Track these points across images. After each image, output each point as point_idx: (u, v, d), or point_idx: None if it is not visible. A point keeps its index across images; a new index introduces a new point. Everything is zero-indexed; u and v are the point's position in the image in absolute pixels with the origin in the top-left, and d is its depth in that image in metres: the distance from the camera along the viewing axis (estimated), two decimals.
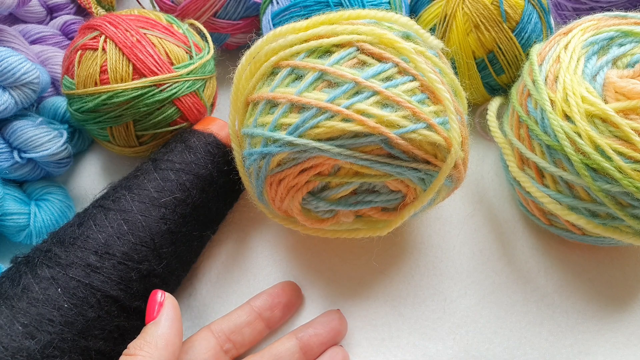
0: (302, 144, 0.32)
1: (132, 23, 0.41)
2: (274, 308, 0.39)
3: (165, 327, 0.32)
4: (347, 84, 0.32)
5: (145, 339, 0.32)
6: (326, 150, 0.32)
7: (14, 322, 0.32)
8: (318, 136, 0.32)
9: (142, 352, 0.31)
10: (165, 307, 0.33)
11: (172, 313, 0.33)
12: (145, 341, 0.31)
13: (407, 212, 0.35)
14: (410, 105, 0.31)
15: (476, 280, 0.42)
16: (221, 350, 0.37)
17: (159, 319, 0.33)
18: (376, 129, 0.31)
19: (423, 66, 0.33)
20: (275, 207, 0.37)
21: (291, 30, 0.35)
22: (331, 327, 0.38)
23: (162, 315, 0.33)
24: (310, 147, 0.32)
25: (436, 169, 0.33)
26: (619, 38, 0.38)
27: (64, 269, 0.34)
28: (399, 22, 0.36)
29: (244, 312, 0.39)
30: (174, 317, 0.33)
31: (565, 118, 0.35)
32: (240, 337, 0.38)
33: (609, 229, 0.36)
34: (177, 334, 0.33)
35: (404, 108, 0.32)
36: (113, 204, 0.37)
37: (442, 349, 0.39)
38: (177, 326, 0.33)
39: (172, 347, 0.32)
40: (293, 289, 0.41)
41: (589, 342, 0.39)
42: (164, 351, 0.31)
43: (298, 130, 0.32)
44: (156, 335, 0.32)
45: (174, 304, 0.34)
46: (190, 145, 0.41)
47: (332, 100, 0.31)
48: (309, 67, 0.33)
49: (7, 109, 0.41)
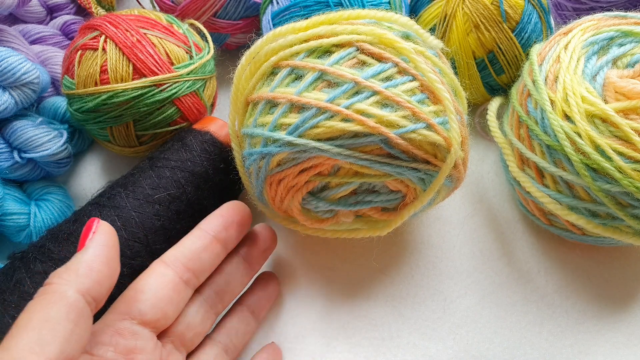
0: (302, 144, 0.32)
1: (132, 23, 0.41)
2: (228, 228, 0.36)
3: (91, 253, 0.28)
4: (347, 84, 0.32)
5: (67, 266, 0.28)
6: (326, 150, 0.32)
7: (4, 315, 0.32)
8: (318, 136, 0.32)
9: (59, 280, 0.27)
10: (97, 234, 0.29)
11: (104, 239, 0.29)
12: (66, 268, 0.28)
13: (407, 212, 0.35)
14: (410, 105, 0.31)
15: (476, 280, 0.42)
16: (181, 281, 0.33)
17: (86, 246, 0.29)
18: (376, 129, 0.31)
19: (423, 66, 0.33)
20: (275, 207, 0.37)
21: (291, 30, 0.35)
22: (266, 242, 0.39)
23: (92, 242, 0.29)
24: (310, 147, 0.32)
25: (436, 169, 0.33)
26: (619, 38, 0.38)
27: (56, 263, 0.34)
28: (398, 22, 0.36)
29: (197, 237, 0.35)
30: (105, 244, 0.29)
31: (565, 118, 0.35)
32: (198, 264, 0.34)
33: (609, 229, 0.36)
34: (107, 261, 0.29)
35: (404, 108, 0.32)
36: (108, 201, 0.38)
37: (442, 349, 0.39)
38: (107, 253, 0.29)
39: (98, 274, 0.28)
40: (242, 207, 0.38)
41: (589, 342, 0.39)
42: (86, 278, 0.27)
43: (298, 130, 0.32)
44: (78, 261, 0.28)
45: (109, 231, 0.30)
46: (186, 143, 0.41)
47: (331, 100, 0.31)
48: (308, 67, 0.33)
49: (7, 109, 0.41)
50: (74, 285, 0.27)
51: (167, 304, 0.32)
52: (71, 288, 0.27)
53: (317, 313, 0.41)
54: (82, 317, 0.26)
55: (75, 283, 0.27)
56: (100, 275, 0.28)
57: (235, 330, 0.37)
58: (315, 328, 0.40)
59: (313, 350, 0.39)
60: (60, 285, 0.27)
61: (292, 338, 0.40)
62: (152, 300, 0.32)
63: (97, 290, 0.28)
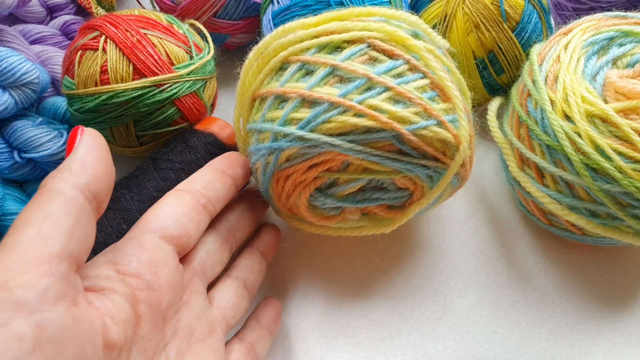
0: (314, 138, 0.32)
1: (133, 23, 0.41)
2: (235, 166, 0.37)
3: (82, 152, 0.26)
4: (359, 80, 0.32)
5: (58, 168, 0.26)
6: (337, 145, 0.32)
7: None
8: (329, 131, 0.32)
9: (52, 180, 0.25)
10: (83, 136, 0.27)
11: (92, 140, 0.27)
12: (58, 169, 0.26)
13: (413, 209, 0.35)
14: (422, 102, 0.32)
15: (476, 280, 0.42)
16: (199, 204, 0.33)
17: (75, 147, 0.27)
18: (389, 124, 0.31)
19: (433, 64, 0.33)
20: (281, 204, 0.37)
21: (301, 25, 0.35)
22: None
23: (80, 143, 0.27)
24: (322, 142, 0.32)
25: (444, 166, 0.33)
26: (619, 38, 0.38)
27: None
28: (407, 20, 0.36)
29: (207, 170, 0.35)
30: (93, 144, 0.27)
31: (565, 118, 0.35)
32: (214, 192, 0.34)
33: (609, 229, 0.36)
34: (100, 157, 0.27)
35: (416, 104, 0.32)
36: (112, 203, 0.37)
37: (442, 349, 0.39)
38: (99, 151, 0.27)
39: (94, 170, 0.26)
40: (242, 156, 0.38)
41: (589, 342, 0.39)
42: (81, 174, 0.26)
43: (309, 125, 0.32)
44: (70, 161, 0.26)
45: (95, 134, 0.28)
46: (190, 144, 0.41)
47: (344, 95, 0.31)
48: (320, 62, 0.33)
49: (7, 109, 0.41)
50: (70, 182, 0.25)
51: (188, 221, 0.32)
52: (66, 184, 0.25)
53: (317, 313, 0.41)
54: (83, 213, 0.25)
55: (71, 180, 0.25)
56: (97, 171, 0.26)
57: (251, 268, 0.37)
58: (315, 328, 0.40)
59: (313, 350, 0.39)
60: (54, 184, 0.25)
61: (292, 338, 0.40)
62: (174, 217, 0.31)
63: (95, 186, 0.26)
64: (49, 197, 0.25)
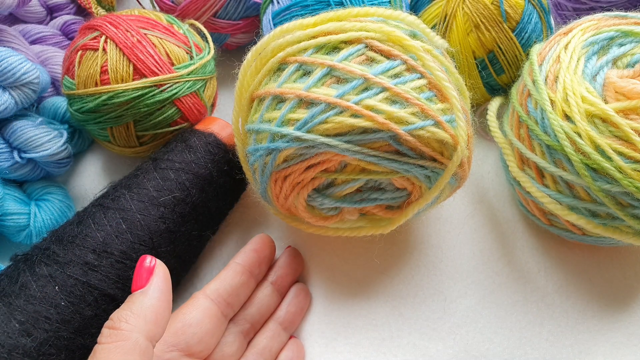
0: (311, 139, 0.32)
1: (133, 23, 0.41)
2: (261, 264, 0.39)
3: (155, 297, 0.27)
4: (357, 80, 0.32)
5: (132, 310, 0.27)
6: (334, 145, 0.32)
7: (11, 319, 0.32)
8: (327, 132, 0.32)
9: (128, 325, 0.26)
10: (155, 275, 0.28)
11: (163, 284, 0.28)
12: (132, 312, 0.27)
13: (411, 209, 0.35)
14: (419, 102, 0.32)
15: (476, 280, 0.42)
16: (222, 315, 0.35)
17: (147, 288, 0.28)
18: (385, 125, 0.31)
19: (431, 64, 0.33)
20: (279, 205, 0.37)
21: (298, 26, 0.35)
22: (294, 266, 0.41)
23: (152, 284, 0.28)
24: (319, 143, 0.32)
25: (442, 166, 0.33)
26: (619, 38, 0.38)
27: (62, 267, 0.34)
28: (405, 20, 0.36)
29: (237, 273, 0.37)
30: (164, 289, 0.28)
31: (565, 118, 0.35)
32: (237, 300, 0.36)
33: (609, 229, 0.36)
34: (167, 307, 0.28)
35: (413, 105, 0.32)
36: (112, 202, 0.37)
37: (442, 348, 0.39)
38: (167, 298, 0.28)
39: (163, 322, 0.27)
40: (270, 241, 0.41)
41: (589, 342, 0.39)
42: (154, 326, 0.27)
43: (306, 126, 0.32)
44: (144, 307, 0.27)
45: (165, 273, 0.29)
46: (190, 144, 0.41)
47: (341, 95, 0.31)
48: (317, 62, 0.33)
49: (7, 109, 0.41)
50: (144, 333, 0.26)
51: (210, 337, 0.34)
52: (142, 335, 0.26)
53: (317, 313, 0.41)
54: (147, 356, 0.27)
55: (145, 330, 0.26)
56: (164, 323, 0.28)
57: (269, 349, 0.38)
58: (315, 328, 0.40)
59: (313, 350, 0.39)
60: (131, 333, 0.26)
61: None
62: (199, 335, 0.34)
63: (160, 334, 0.28)
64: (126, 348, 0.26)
